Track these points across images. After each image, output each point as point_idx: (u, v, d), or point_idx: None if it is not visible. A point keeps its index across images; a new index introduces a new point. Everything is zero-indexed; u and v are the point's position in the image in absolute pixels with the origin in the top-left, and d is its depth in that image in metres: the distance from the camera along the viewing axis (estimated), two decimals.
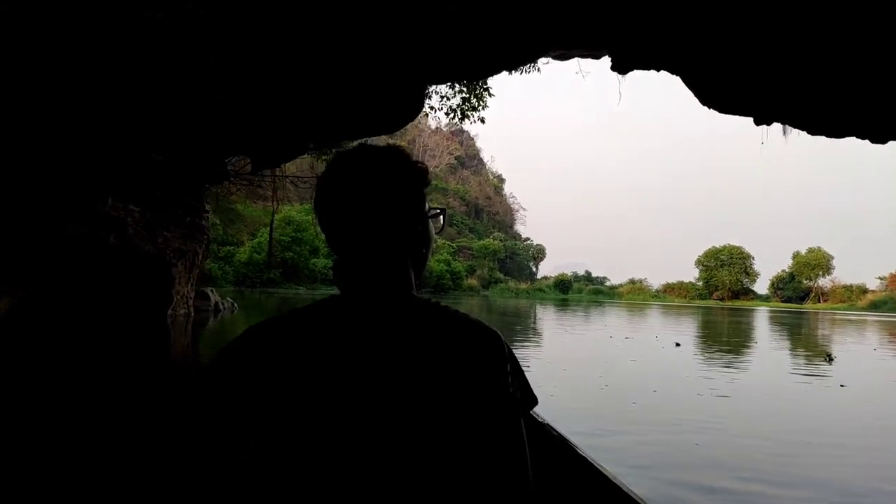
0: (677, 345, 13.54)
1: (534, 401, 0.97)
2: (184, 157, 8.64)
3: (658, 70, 7.19)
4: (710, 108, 7.07)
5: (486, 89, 11.14)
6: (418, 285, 0.99)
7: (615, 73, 7.83)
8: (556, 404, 6.74)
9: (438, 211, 1.04)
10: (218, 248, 55.77)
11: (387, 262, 0.94)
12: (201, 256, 12.38)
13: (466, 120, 11.48)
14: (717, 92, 6.70)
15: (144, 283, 10.88)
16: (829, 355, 11.85)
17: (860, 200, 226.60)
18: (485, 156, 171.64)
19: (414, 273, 0.97)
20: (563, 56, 8.15)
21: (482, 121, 11.52)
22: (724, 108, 6.93)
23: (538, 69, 10.44)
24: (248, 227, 68.41)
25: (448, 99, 11.48)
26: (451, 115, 11.40)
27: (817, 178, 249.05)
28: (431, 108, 11.60)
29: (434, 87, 11.34)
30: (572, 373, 9.18)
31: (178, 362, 8.65)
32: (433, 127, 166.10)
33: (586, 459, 1.56)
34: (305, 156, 11.29)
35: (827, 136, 6.51)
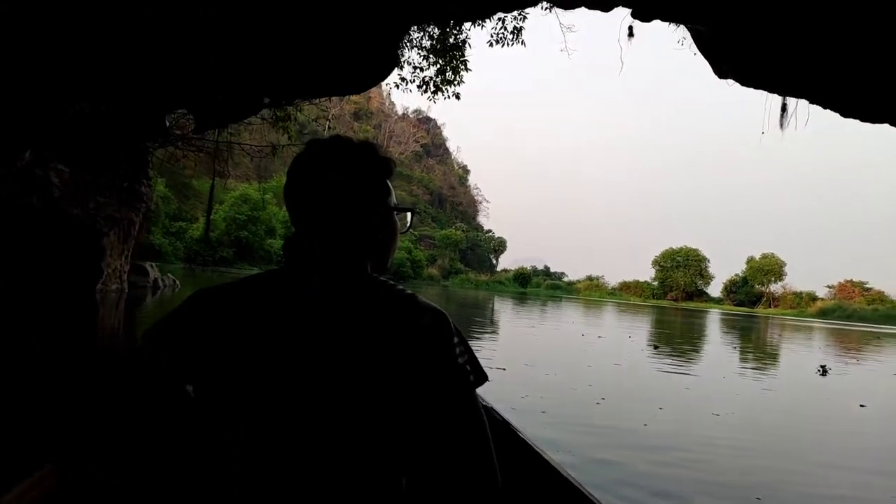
0: (655, 347, 12.98)
1: (483, 377, 0.99)
2: (115, 109, 7.45)
3: (679, 23, 6.40)
4: (725, 78, 6.37)
5: (464, 61, 10.28)
6: (378, 271, 1.04)
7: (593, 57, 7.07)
8: (552, 424, 5.40)
9: (406, 208, 1.08)
10: (170, 223, 54.38)
11: (340, 242, 0.98)
12: (138, 227, 11.17)
13: (440, 94, 10.60)
14: (741, 58, 5.89)
15: (70, 254, 9.67)
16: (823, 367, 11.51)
17: (817, 209, 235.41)
18: (451, 145, 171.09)
19: (372, 258, 1.02)
20: (567, 2, 7.02)
21: (457, 97, 10.67)
22: (744, 77, 6.14)
23: (522, 42, 9.65)
24: (204, 204, 66.28)
25: (421, 70, 10.58)
26: (424, 87, 10.50)
27: (779, 185, 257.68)
28: (403, 79, 10.68)
29: (407, 53, 10.43)
30: (556, 379, 7.89)
31: (103, 343, 7.58)
32: (400, 113, 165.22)
33: (541, 456, 1.54)
34: (259, 120, 10.22)
35: (861, 119, 5.89)
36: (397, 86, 10.67)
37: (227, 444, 0.91)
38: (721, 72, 6.22)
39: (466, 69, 10.47)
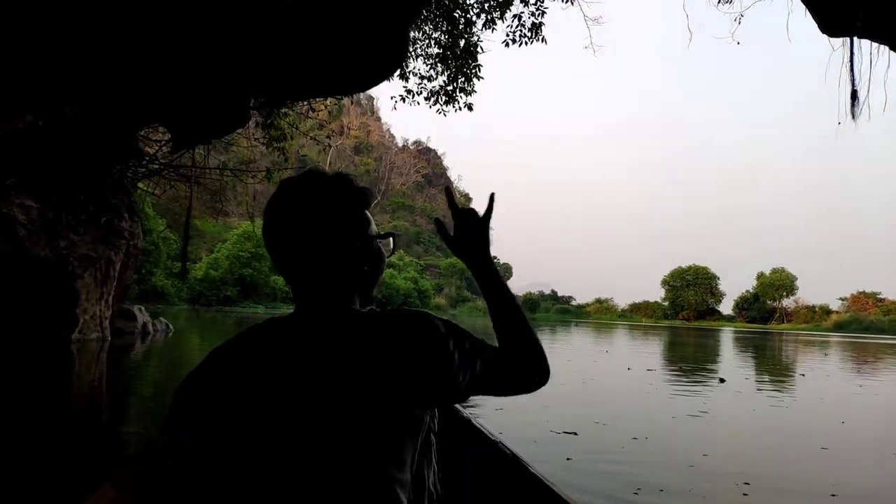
0: (722, 380, 11.05)
1: (488, 348, 1.06)
2: (73, 122, 6.27)
3: None
4: (832, 34, 5.19)
5: (477, 67, 9.21)
6: (365, 300, 1.07)
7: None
8: None
9: (387, 235, 1.11)
10: (172, 264, 53.66)
11: (323, 279, 1.00)
12: (120, 266, 10.02)
13: (452, 105, 9.52)
14: None
15: (40, 301, 8.50)
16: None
17: (825, 221, 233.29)
18: (451, 174, 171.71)
19: (358, 290, 1.05)
20: None
21: (469, 108, 9.58)
22: (866, 25, 4.87)
23: (542, 38, 8.58)
24: (208, 244, 65.86)
25: (429, 80, 9.54)
26: (434, 98, 9.43)
27: (783, 200, 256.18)
28: (409, 91, 9.62)
29: (413, 63, 9.39)
30: (653, 447, 5.21)
31: (79, 407, 6.36)
32: (400, 145, 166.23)
33: (542, 481, 1.54)
34: (248, 142, 9.16)
35: None
36: (403, 98, 9.61)
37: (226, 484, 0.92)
38: (837, 21, 4.95)
39: (479, 77, 9.41)
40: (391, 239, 1.12)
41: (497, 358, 1.06)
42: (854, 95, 7.05)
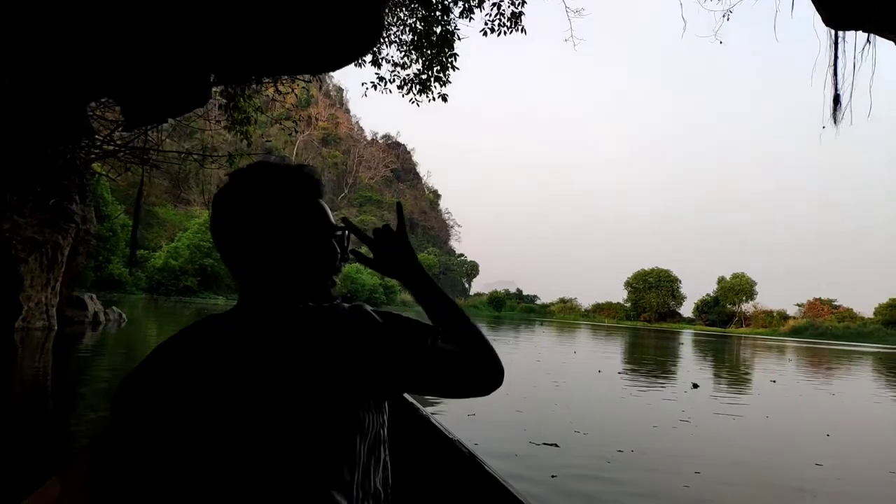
0: (695, 385, 10.95)
1: (430, 329, 1.03)
2: (16, 95, 5.77)
3: None
4: (840, 27, 5.08)
5: (453, 56, 8.97)
6: (322, 295, 1.03)
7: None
8: None
9: (341, 228, 1.07)
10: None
11: (269, 275, 0.98)
12: (70, 251, 9.43)
13: (425, 95, 9.26)
14: None
15: None
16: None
17: (783, 228, 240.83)
18: (421, 170, 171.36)
19: (310, 284, 1.02)
20: None
21: (444, 98, 9.35)
22: (882, 18, 4.73)
23: (522, 29, 8.39)
24: (168, 232, 63.96)
25: (402, 68, 9.25)
26: (408, 86, 9.15)
27: (744, 206, 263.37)
28: (381, 78, 9.33)
29: (386, 50, 9.09)
30: (640, 460, 4.98)
31: (20, 398, 5.89)
32: (369, 138, 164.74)
33: (498, 480, 1.53)
34: (208, 123, 8.70)
35: None
36: (375, 86, 9.31)
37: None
38: (847, 14, 4.79)
39: (454, 67, 9.18)
40: (346, 232, 1.08)
41: (443, 347, 1.02)
42: (836, 100, 7.04)
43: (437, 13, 8.33)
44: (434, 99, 9.32)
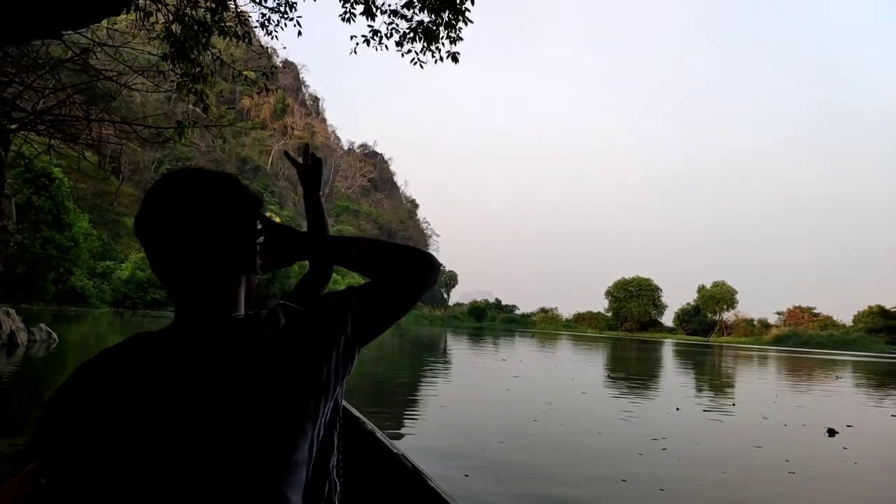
0: (677, 409, 9.39)
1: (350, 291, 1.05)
2: None
3: None
4: None
5: (463, 9, 7.09)
6: (248, 300, 1.03)
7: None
8: None
9: (260, 238, 1.05)
10: (95, 263, 49.48)
11: (209, 286, 0.96)
12: None
13: (430, 54, 7.36)
14: None
15: None
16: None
17: (759, 237, 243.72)
18: (399, 180, 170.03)
19: (238, 289, 1.00)
20: None
21: (454, 59, 7.44)
22: None
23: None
24: (137, 243, 60.78)
25: (404, 19, 7.34)
26: (411, 37, 7.24)
27: (724, 215, 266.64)
28: (375, 31, 7.40)
29: None
30: None
31: None
32: (346, 148, 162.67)
33: (441, 494, 1.56)
34: (157, 90, 6.63)
35: None
36: (368, 41, 7.39)
37: None
38: None
39: (467, 20, 7.30)
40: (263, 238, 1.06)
41: (366, 285, 1.05)
42: None
43: None
44: (442, 59, 7.40)
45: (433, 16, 6.99)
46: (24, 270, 36.42)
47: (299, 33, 7.17)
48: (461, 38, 7.44)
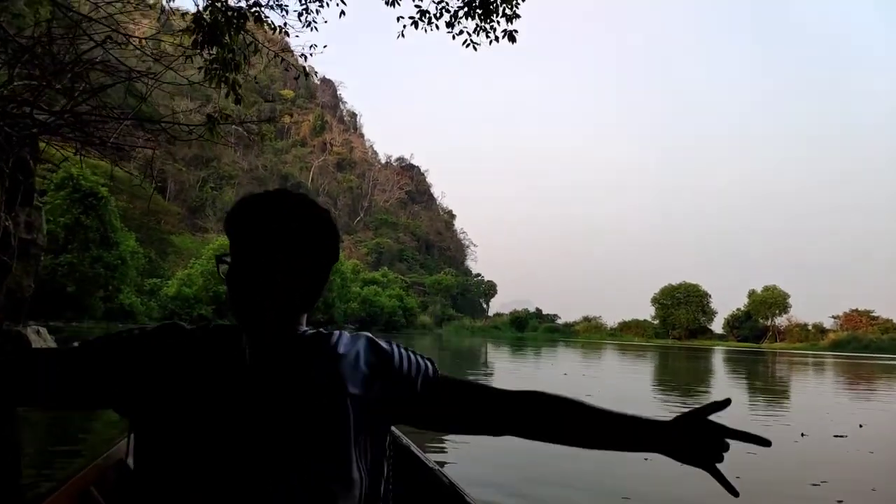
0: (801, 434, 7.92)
1: (433, 367, 1.06)
2: None
3: None
4: None
5: None
6: (308, 319, 1.04)
7: None
8: None
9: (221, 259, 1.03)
10: (143, 281, 50.34)
11: (286, 311, 0.97)
12: None
13: (485, 34, 6.56)
14: None
15: None
16: None
17: (818, 237, 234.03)
18: (435, 191, 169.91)
19: (306, 312, 1.02)
20: None
21: (512, 38, 6.61)
22: None
23: None
24: (185, 261, 62.20)
25: None
26: (460, 19, 6.45)
27: (773, 218, 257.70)
28: (423, 13, 6.64)
29: None
30: None
31: None
32: (383, 161, 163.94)
33: None
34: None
35: None
36: (416, 23, 6.64)
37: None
38: None
39: None
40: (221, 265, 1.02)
41: (459, 380, 1.07)
42: None
43: None
44: (497, 39, 6.59)
45: None
46: (75, 289, 37.06)
47: (342, 13, 6.45)
48: (518, 16, 6.63)
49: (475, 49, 6.73)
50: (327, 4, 6.38)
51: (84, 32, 5.71)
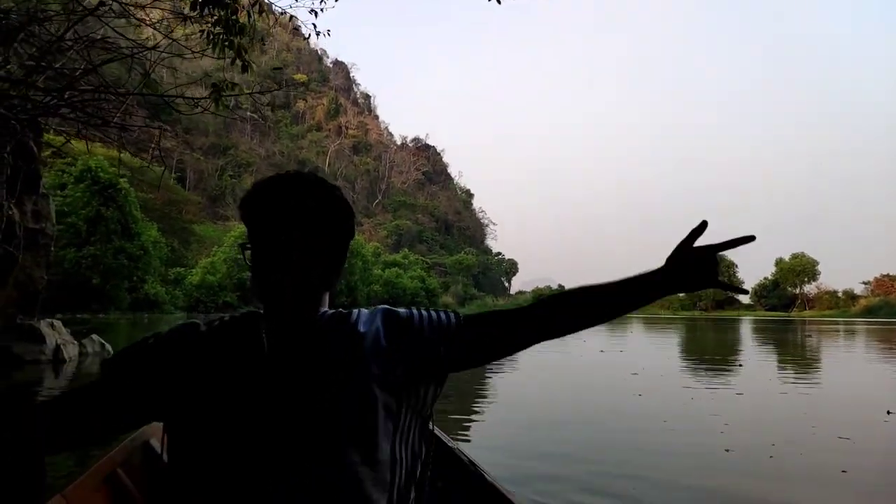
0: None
1: (455, 316, 1.04)
2: None
3: None
4: None
5: None
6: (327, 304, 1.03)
7: None
8: None
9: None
10: (166, 271, 50.77)
11: (305, 290, 0.96)
12: (3, 261, 6.46)
13: None
14: None
15: None
16: None
17: (842, 203, 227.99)
18: (452, 171, 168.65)
19: (325, 291, 1.01)
20: None
21: None
22: None
23: None
24: (207, 250, 62.67)
25: None
26: None
27: (798, 181, 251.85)
28: None
29: None
30: None
31: None
32: (399, 143, 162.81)
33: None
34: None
35: None
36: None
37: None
38: None
39: None
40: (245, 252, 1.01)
41: (486, 319, 1.04)
42: None
43: None
44: None
45: None
46: (100, 281, 37.37)
47: None
48: None
49: (499, 2, 6.11)
50: None
51: (80, 4, 5.25)
